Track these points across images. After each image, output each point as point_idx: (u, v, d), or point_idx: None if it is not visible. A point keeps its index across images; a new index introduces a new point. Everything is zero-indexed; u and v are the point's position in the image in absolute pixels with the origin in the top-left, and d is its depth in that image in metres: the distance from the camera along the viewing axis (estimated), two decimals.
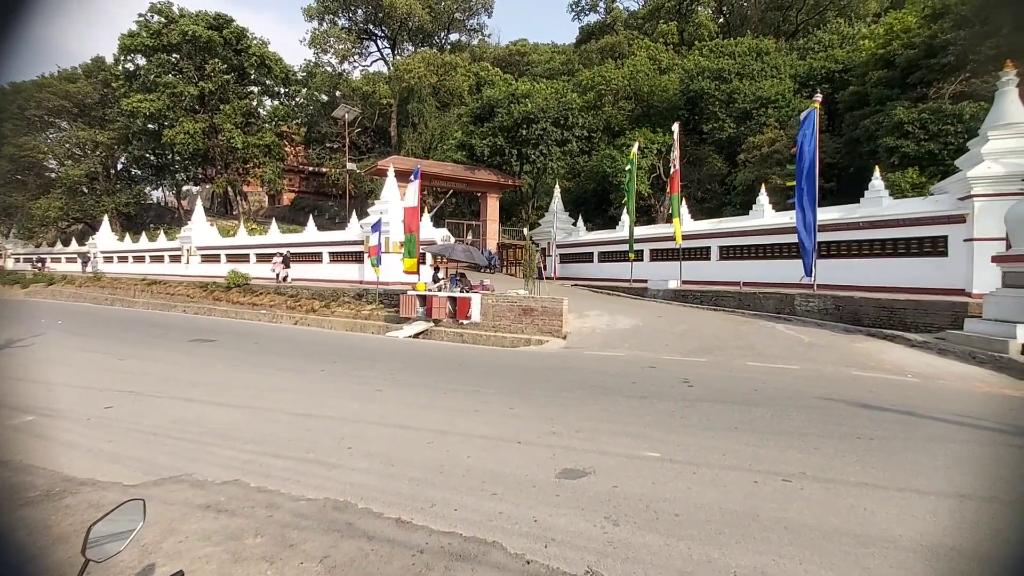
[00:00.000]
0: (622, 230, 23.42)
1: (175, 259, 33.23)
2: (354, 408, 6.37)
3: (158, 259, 35.11)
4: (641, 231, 22.53)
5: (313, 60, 47.47)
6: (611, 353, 10.87)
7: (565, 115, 29.75)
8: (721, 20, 43.31)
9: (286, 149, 45.81)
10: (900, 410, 6.24)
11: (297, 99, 47.13)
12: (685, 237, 19.41)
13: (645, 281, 20.41)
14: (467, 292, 15.37)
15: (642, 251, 22.53)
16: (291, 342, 13.55)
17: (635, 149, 21.67)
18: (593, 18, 51.10)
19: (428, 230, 21.50)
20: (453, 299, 15.26)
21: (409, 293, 16.15)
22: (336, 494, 3.76)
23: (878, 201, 15.02)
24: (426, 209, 25.58)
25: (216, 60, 38.31)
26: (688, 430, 5.44)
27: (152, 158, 44.55)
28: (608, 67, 33.53)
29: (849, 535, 3.22)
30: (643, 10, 46.17)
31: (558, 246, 28.20)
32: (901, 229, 14.16)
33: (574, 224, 28.92)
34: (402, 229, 18.42)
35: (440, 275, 17.48)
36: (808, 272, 14.03)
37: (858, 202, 15.70)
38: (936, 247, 13.45)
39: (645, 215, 28.02)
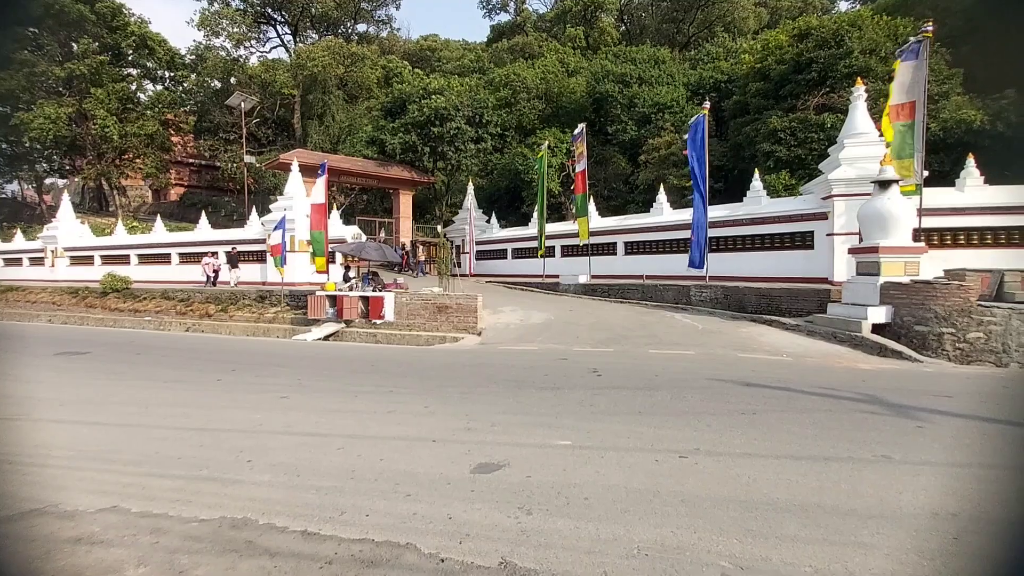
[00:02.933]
0: (535, 227, 23.98)
1: (36, 262, 29.00)
2: (255, 418, 5.96)
3: (15, 262, 30.40)
4: (552, 228, 23.20)
5: (203, 43, 43.36)
6: (525, 347, 11.11)
7: (479, 113, 29.79)
8: (623, 28, 45.65)
9: (172, 139, 41.42)
10: (777, 386, 7.01)
11: (185, 85, 42.78)
12: (593, 233, 20.28)
13: (557, 276, 21.06)
14: (380, 291, 14.95)
15: (554, 247, 23.22)
16: (182, 351, 12.36)
17: (544, 147, 22.24)
18: (504, 17, 51.73)
19: (337, 228, 20.62)
20: (365, 298, 14.78)
21: (318, 293, 15.39)
22: (234, 512, 3.50)
23: (758, 200, 16.69)
24: (335, 206, 24.50)
25: (87, 38, 33.69)
26: (597, 417, 5.71)
27: (5, 146, 38.26)
28: (520, 66, 34.09)
29: (736, 502, 3.56)
30: (551, 13, 47.45)
31: (475, 243, 28.26)
32: (776, 225, 15.86)
33: (488, 221, 29.12)
34: (309, 227, 17.50)
35: (351, 274, 16.83)
36: (695, 264, 15.25)
37: (741, 201, 17.35)
38: (805, 241, 15.23)
39: (556, 212, 28.87)
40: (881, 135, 13.19)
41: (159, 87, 41.23)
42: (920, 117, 11.69)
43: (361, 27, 51.89)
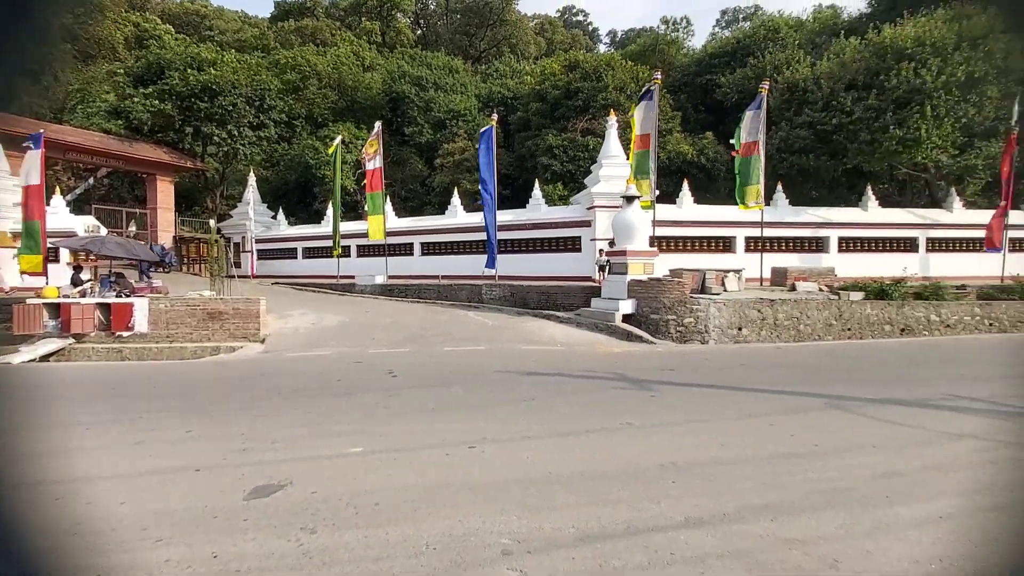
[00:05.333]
0: (327, 225, 22.60)
1: None
2: None
3: None
4: (348, 227, 22.17)
5: None
6: (316, 352, 10.41)
7: (261, 95, 26.65)
8: (419, 32, 46.03)
9: None
10: (553, 373, 7.97)
11: None
12: (390, 234, 20.04)
13: (353, 277, 20.25)
14: (127, 296, 12.25)
15: (349, 247, 22.22)
16: None
17: (338, 141, 21.14)
18: None
19: (64, 217, 16.38)
20: (106, 306, 11.93)
21: (31, 302, 11.84)
22: None
23: (538, 207, 18.69)
24: (60, 190, 19.31)
25: None
26: (391, 419, 5.67)
27: None
28: (311, 51, 31.65)
29: (517, 482, 3.92)
30: (345, 2, 45.18)
31: (257, 241, 25.21)
32: (553, 230, 18.00)
33: (274, 217, 26.40)
34: (17, 214, 13.40)
35: (84, 276, 13.42)
36: (490, 265, 16.43)
37: (525, 207, 19.20)
38: (575, 245, 17.60)
39: (352, 210, 27.65)
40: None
41: None
42: (653, 147, 14.57)
43: None
